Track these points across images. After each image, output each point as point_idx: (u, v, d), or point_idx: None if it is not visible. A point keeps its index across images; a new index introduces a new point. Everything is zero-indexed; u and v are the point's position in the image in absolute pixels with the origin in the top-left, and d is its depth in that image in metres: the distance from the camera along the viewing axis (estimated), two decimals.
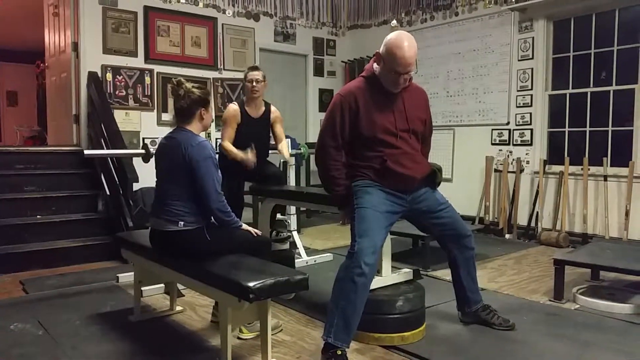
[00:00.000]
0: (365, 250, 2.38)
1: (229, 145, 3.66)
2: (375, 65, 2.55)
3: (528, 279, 3.85)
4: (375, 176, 2.56)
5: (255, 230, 2.70)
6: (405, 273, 2.92)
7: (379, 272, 2.80)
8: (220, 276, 2.24)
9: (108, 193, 4.92)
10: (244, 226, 2.68)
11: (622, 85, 4.90)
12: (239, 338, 2.71)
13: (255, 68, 3.86)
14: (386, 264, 2.82)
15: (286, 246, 4.13)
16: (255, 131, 3.77)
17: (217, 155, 2.66)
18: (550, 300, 3.32)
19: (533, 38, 5.40)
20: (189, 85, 2.61)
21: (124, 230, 4.34)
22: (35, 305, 3.29)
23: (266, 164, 3.94)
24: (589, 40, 5.11)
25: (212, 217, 2.59)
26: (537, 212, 5.34)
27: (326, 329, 2.38)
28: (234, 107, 3.77)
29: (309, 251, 4.60)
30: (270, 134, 3.98)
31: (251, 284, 2.07)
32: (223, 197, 2.56)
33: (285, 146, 3.95)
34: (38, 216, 4.63)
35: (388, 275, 2.82)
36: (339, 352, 2.30)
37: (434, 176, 2.74)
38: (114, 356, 2.53)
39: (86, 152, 3.46)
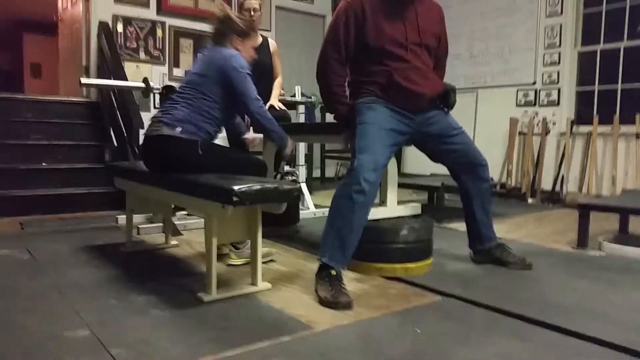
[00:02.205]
0: (365, 166, 2.17)
1: None
2: None
3: (550, 233, 3.57)
4: (380, 92, 2.34)
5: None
6: (412, 206, 2.70)
7: (383, 202, 2.60)
8: (204, 184, 2.06)
9: (116, 144, 4.82)
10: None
11: None
12: (228, 265, 2.54)
13: None
14: (392, 194, 2.61)
15: None
16: (258, 60, 3.56)
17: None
18: (573, 248, 3.06)
19: None
20: (232, 14, 2.55)
21: None
22: (29, 239, 3.18)
23: (272, 107, 3.73)
24: None
25: (254, 124, 2.63)
26: (563, 176, 5.02)
27: (321, 249, 2.18)
28: None
29: (318, 207, 4.38)
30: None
31: (235, 187, 1.88)
32: (262, 103, 2.48)
33: (277, 86, 3.71)
34: (44, 163, 4.54)
35: (393, 207, 2.61)
36: (334, 272, 2.09)
37: (447, 97, 2.51)
38: (94, 277, 2.38)
39: (83, 80, 3.30)
